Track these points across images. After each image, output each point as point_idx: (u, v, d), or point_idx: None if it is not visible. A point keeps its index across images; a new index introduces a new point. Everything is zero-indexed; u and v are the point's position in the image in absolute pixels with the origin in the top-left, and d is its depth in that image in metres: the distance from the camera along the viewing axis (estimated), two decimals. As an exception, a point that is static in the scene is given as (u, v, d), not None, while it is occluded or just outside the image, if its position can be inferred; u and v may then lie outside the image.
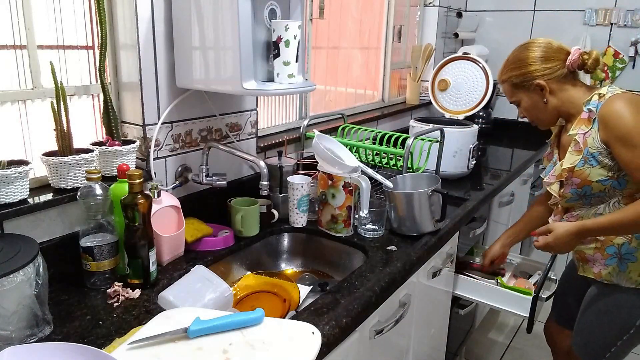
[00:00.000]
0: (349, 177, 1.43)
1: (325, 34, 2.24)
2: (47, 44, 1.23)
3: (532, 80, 1.39)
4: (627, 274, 1.37)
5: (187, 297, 1.05)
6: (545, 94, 1.39)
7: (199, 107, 1.47)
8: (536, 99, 1.42)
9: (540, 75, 1.38)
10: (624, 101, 1.26)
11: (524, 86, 1.42)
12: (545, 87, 1.38)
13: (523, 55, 1.41)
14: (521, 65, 1.40)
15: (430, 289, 1.61)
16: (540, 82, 1.38)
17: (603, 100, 1.30)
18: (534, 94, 1.41)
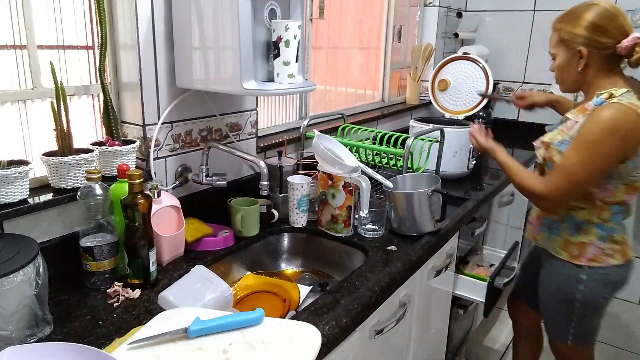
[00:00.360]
0: (349, 177, 1.43)
1: (325, 34, 2.24)
2: (47, 44, 1.23)
3: (578, 44, 1.35)
4: (552, 243, 1.53)
5: (187, 297, 1.05)
6: (582, 63, 1.36)
7: (199, 107, 1.47)
8: (571, 63, 1.39)
9: (587, 44, 1.34)
10: (612, 114, 1.27)
11: (567, 45, 1.38)
12: (584, 57, 1.35)
13: (584, 15, 1.34)
14: (576, 24, 1.35)
15: (430, 289, 1.61)
16: (583, 51, 1.35)
17: (608, 102, 1.31)
18: (572, 57, 1.38)
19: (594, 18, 1.32)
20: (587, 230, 1.45)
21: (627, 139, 1.28)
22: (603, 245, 1.44)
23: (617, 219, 1.43)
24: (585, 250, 1.45)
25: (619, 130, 1.27)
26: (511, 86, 3.07)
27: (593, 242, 1.44)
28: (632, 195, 1.41)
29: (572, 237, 1.48)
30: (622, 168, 1.34)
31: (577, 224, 1.46)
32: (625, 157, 1.31)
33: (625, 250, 1.47)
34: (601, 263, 1.45)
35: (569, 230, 1.48)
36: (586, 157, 1.30)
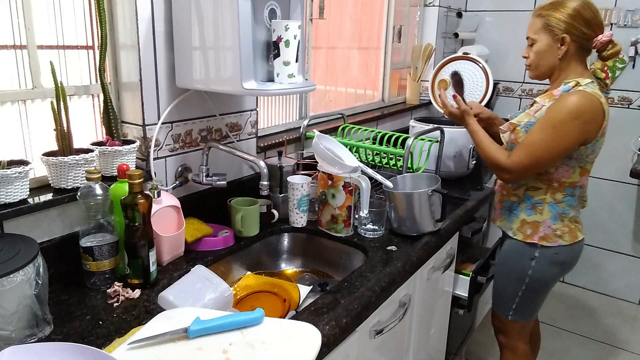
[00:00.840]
0: (349, 177, 1.43)
1: (325, 34, 2.24)
2: (47, 44, 1.23)
3: (562, 31, 1.42)
4: (511, 225, 1.61)
5: (187, 297, 1.05)
6: (563, 50, 1.44)
7: (199, 107, 1.47)
8: (552, 49, 1.45)
9: (572, 33, 1.41)
10: (579, 99, 1.37)
11: (552, 31, 1.44)
12: (566, 44, 1.43)
13: (571, 4, 1.42)
14: (564, 12, 1.42)
15: (430, 289, 1.61)
16: (567, 38, 1.42)
17: (574, 89, 1.41)
18: (554, 43, 1.45)
19: (580, 9, 1.41)
20: (541, 210, 1.54)
21: (588, 124, 1.38)
22: (554, 225, 1.53)
23: (570, 200, 1.53)
24: (538, 229, 1.55)
25: (583, 114, 1.37)
26: (511, 86, 3.07)
27: (546, 221, 1.54)
28: (585, 177, 1.53)
29: (528, 217, 1.57)
30: (582, 151, 1.44)
31: (533, 204, 1.56)
32: (586, 141, 1.41)
33: (575, 232, 1.55)
34: (551, 242, 1.54)
35: (526, 211, 1.57)
36: (550, 136, 1.40)
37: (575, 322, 2.74)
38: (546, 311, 2.82)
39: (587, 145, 1.42)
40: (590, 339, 2.60)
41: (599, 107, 1.38)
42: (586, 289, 3.09)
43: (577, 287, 3.11)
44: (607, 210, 2.94)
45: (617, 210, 2.91)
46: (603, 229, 2.97)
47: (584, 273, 3.08)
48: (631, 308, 2.92)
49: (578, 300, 2.97)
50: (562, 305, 2.91)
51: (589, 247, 3.02)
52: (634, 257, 2.92)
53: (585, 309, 2.89)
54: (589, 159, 1.48)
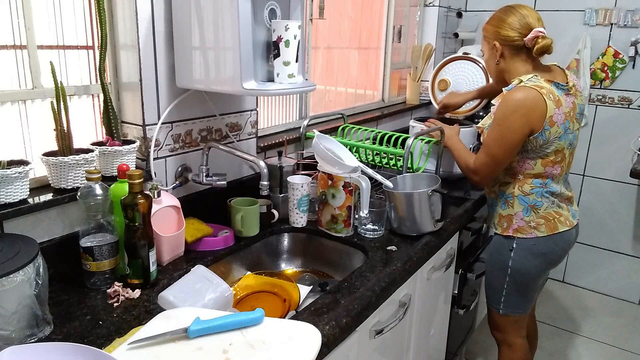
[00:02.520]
0: (349, 177, 1.43)
1: (325, 34, 2.24)
2: (47, 44, 1.23)
3: (493, 39, 1.58)
4: (493, 220, 1.70)
5: (187, 297, 1.05)
6: (497, 55, 1.58)
7: (199, 107, 1.47)
8: (491, 56, 1.62)
9: (499, 38, 1.56)
10: (518, 94, 1.47)
11: (488, 41, 1.62)
12: (498, 50, 1.57)
13: (500, 14, 1.58)
14: (495, 23, 1.58)
15: (430, 289, 1.61)
16: (497, 44, 1.57)
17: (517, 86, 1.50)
18: (491, 50, 1.61)
19: (503, 15, 1.56)
20: (512, 203, 1.62)
21: (530, 114, 1.46)
22: (527, 217, 1.60)
23: (539, 191, 1.58)
24: (512, 222, 1.62)
25: (522, 106, 1.46)
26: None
27: (517, 213, 1.61)
28: (550, 167, 1.56)
29: (502, 211, 1.65)
30: (533, 141, 1.50)
31: (505, 198, 1.64)
32: (532, 131, 1.48)
33: (553, 224, 1.59)
34: (526, 234, 1.60)
35: (501, 205, 1.66)
36: (498, 132, 1.51)
37: (575, 322, 2.74)
38: (546, 311, 2.82)
39: (535, 135, 1.48)
40: (590, 339, 2.60)
41: (537, 98, 1.45)
42: (586, 289, 3.09)
43: (577, 287, 3.11)
44: (607, 210, 2.94)
45: (617, 210, 2.91)
46: (603, 229, 2.97)
47: (584, 273, 3.08)
48: (631, 308, 2.92)
49: (578, 300, 2.97)
50: (562, 305, 2.91)
51: (589, 247, 3.03)
52: (634, 257, 2.92)
53: (585, 309, 2.89)
54: (546, 149, 1.52)
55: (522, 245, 1.61)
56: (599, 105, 2.83)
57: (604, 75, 2.78)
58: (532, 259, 1.61)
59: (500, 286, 1.68)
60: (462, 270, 1.85)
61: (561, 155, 1.55)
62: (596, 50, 2.77)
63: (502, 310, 1.70)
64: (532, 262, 1.61)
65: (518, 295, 1.67)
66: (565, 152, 1.56)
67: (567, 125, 1.52)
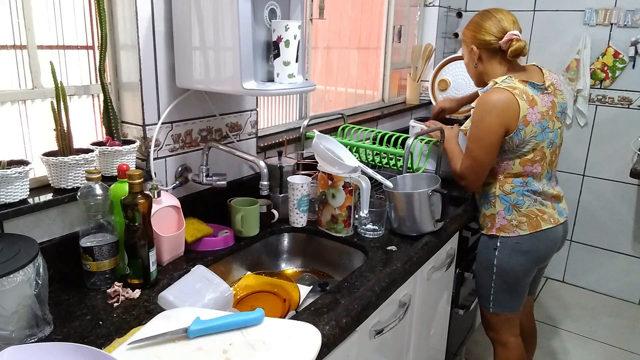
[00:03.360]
0: (349, 177, 1.43)
1: (325, 34, 2.24)
2: (47, 44, 1.23)
3: (471, 43, 1.62)
4: (479, 219, 1.73)
5: (187, 297, 1.05)
6: (475, 58, 1.63)
7: (199, 107, 1.47)
8: (470, 60, 1.66)
9: (476, 42, 1.61)
10: (491, 96, 1.51)
11: (466, 45, 1.66)
12: (475, 53, 1.62)
13: (476, 19, 1.63)
14: (472, 28, 1.63)
15: (430, 289, 1.61)
16: (474, 48, 1.62)
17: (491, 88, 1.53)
18: (469, 54, 1.65)
19: (479, 20, 1.62)
20: (494, 203, 1.65)
21: (504, 114, 1.49)
22: (509, 216, 1.63)
23: (519, 190, 1.60)
24: (495, 221, 1.65)
25: (495, 107, 1.50)
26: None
27: (500, 212, 1.64)
28: (529, 166, 1.58)
29: (486, 211, 1.69)
30: (509, 141, 1.53)
31: (487, 198, 1.68)
32: (508, 131, 1.51)
33: (536, 221, 1.61)
34: (509, 233, 1.63)
35: (484, 205, 1.69)
36: (476, 134, 1.55)
37: (575, 322, 2.74)
38: (546, 311, 2.82)
39: (511, 135, 1.51)
40: (590, 339, 2.60)
41: (510, 98, 1.48)
42: (586, 289, 3.09)
43: (577, 287, 3.11)
44: (607, 210, 2.94)
45: (617, 210, 2.91)
46: (603, 229, 2.97)
47: (584, 273, 3.08)
48: (631, 308, 2.92)
49: (578, 300, 2.97)
50: (562, 305, 2.91)
51: (589, 247, 3.03)
52: (634, 257, 2.92)
53: (585, 309, 2.89)
54: (523, 148, 1.54)
55: (505, 243, 1.63)
56: (599, 105, 2.83)
57: (604, 75, 2.78)
58: (516, 257, 1.63)
59: (488, 285, 1.70)
60: (458, 269, 1.85)
61: (540, 153, 1.57)
62: (596, 50, 2.77)
63: (492, 309, 1.72)
64: (516, 261, 1.63)
65: (506, 294, 1.69)
66: (545, 150, 1.57)
67: (545, 124, 1.54)
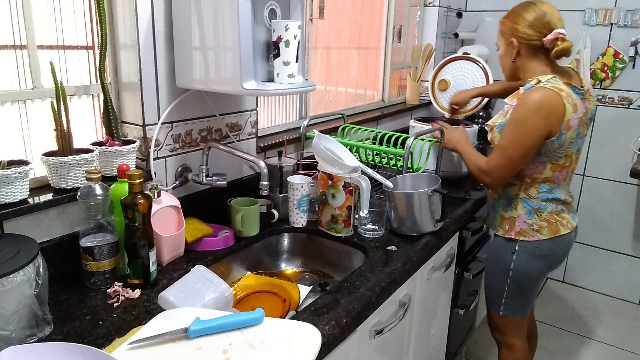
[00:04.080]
0: (349, 177, 1.43)
1: (325, 34, 2.24)
2: (47, 44, 1.22)
3: (511, 35, 1.52)
4: (494, 221, 1.68)
5: (187, 297, 1.05)
6: (514, 52, 1.54)
7: (199, 107, 1.47)
8: (507, 52, 1.57)
9: (517, 35, 1.51)
10: (538, 95, 1.42)
11: (505, 36, 1.56)
12: (515, 47, 1.52)
13: (520, 10, 1.52)
14: (512, 18, 1.53)
15: (430, 289, 1.61)
16: (514, 42, 1.52)
17: (535, 86, 1.45)
18: (507, 47, 1.56)
19: (528, 15, 1.49)
20: (516, 205, 1.59)
21: (549, 117, 1.42)
22: (530, 220, 1.58)
23: (544, 196, 1.56)
24: (515, 224, 1.60)
25: (542, 108, 1.41)
26: (511, 86, 3.06)
27: (520, 216, 1.59)
28: (558, 172, 1.53)
29: (505, 213, 1.63)
30: (549, 145, 1.46)
31: (508, 200, 1.61)
32: (550, 134, 1.44)
33: (556, 226, 1.58)
34: (528, 237, 1.58)
35: (503, 207, 1.64)
36: (516, 133, 1.46)
37: (576, 322, 2.74)
38: (546, 311, 2.82)
39: (552, 139, 1.45)
40: (590, 339, 2.60)
41: (557, 101, 1.41)
42: (586, 289, 3.09)
43: (577, 287, 3.11)
44: (607, 210, 2.94)
45: (617, 210, 2.91)
46: (603, 229, 2.97)
47: (584, 273, 3.08)
48: (631, 308, 2.92)
49: (578, 300, 2.97)
50: (562, 305, 2.91)
51: (589, 247, 3.03)
52: (634, 257, 2.92)
53: (586, 309, 2.89)
54: (558, 154, 1.50)
55: (524, 247, 1.59)
56: (599, 105, 2.83)
57: (604, 75, 2.78)
58: (534, 261, 1.59)
59: (501, 288, 1.66)
60: (458, 269, 1.85)
61: (569, 160, 1.53)
62: (596, 50, 2.77)
63: (502, 312, 1.69)
64: (534, 265, 1.60)
65: (518, 298, 1.66)
66: (572, 157, 1.53)
67: (579, 131, 1.49)
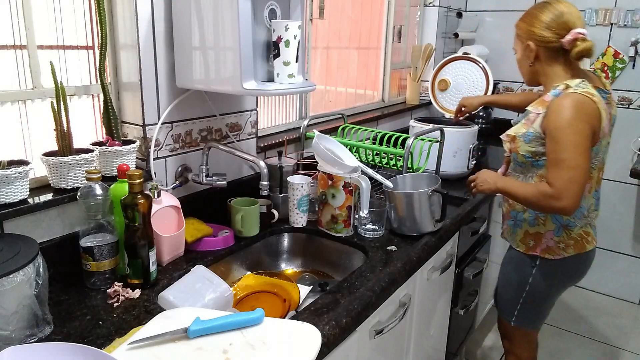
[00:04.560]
0: (349, 177, 1.43)
1: (325, 34, 2.24)
2: (47, 44, 1.22)
3: (527, 39, 1.45)
4: (515, 237, 1.59)
5: (187, 297, 1.05)
6: (532, 56, 1.45)
7: (199, 107, 1.47)
8: (524, 56, 1.49)
9: (534, 38, 1.43)
10: (572, 101, 1.33)
11: (521, 40, 1.48)
12: (533, 51, 1.44)
13: (536, 12, 1.43)
14: (528, 20, 1.44)
15: (430, 289, 1.61)
16: (531, 45, 1.44)
17: (564, 92, 1.36)
18: (525, 50, 1.47)
19: (544, 16, 1.41)
20: (544, 221, 1.51)
21: (592, 122, 1.33)
22: (557, 238, 1.50)
23: None
24: (541, 241, 1.52)
25: (581, 113, 1.32)
26: (511, 86, 3.07)
27: (548, 232, 1.51)
28: (588, 184, 1.46)
29: (530, 228, 1.54)
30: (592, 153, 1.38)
31: (536, 215, 1.52)
32: (594, 140, 1.37)
33: (581, 244, 1.51)
34: (554, 256, 1.52)
35: (529, 222, 1.54)
36: (569, 140, 1.31)
37: (576, 322, 2.74)
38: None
39: (593, 147, 1.37)
40: (591, 339, 2.60)
41: (592, 106, 1.33)
42: (586, 289, 3.09)
43: (577, 287, 3.10)
44: (607, 210, 2.93)
45: (617, 210, 2.91)
46: (603, 229, 2.95)
47: (584, 273, 3.08)
48: (631, 308, 2.92)
49: (578, 300, 2.97)
50: (563, 305, 2.91)
51: (589, 247, 3.02)
52: (634, 257, 2.92)
53: (586, 309, 2.89)
54: (593, 164, 1.42)
55: (546, 264, 1.52)
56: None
57: (604, 75, 2.78)
58: (554, 278, 1.55)
59: (515, 300, 1.61)
60: (458, 269, 1.85)
61: (596, 171, 1.46)
62: (596, 50, 2.76)
63: (514, 322, 1.65)
64: (553, 281, 1.55)
65: (532, 311, 1.62)
66: (599, 166, 1.47)
67: (608, 138, 1.44)
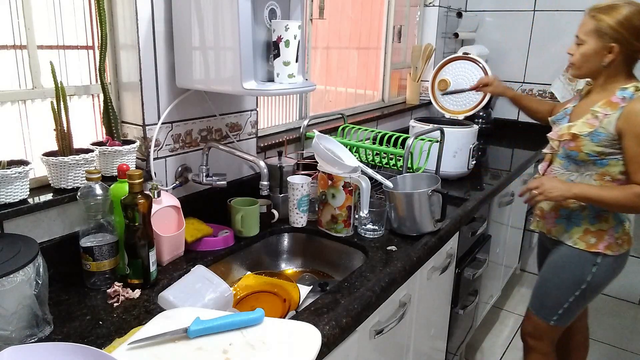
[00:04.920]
0: (349, 177, 1.43)
1: (325, 34, 2.24)
2: (47, 44, 1.23)
3: (614, 40, 1.40)
4: (570, 234, 1.58)
5: (187, 297, 1.05)
6: (610, 58, 1.42)
7: (199, 107, 1.47)
8: (600, 54, 1.43)
9: (621, 42, 1.39)
10: None
11: (602, 37, 1.41)
12: (615, 53, 1.41)
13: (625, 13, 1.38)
14: (616, 20, 1.38)
15: (430, 289, 1.61)
16: (615, 48, 1.40)
17: (637, 94, 1.39)
18: (602, 49, 1.42)
19: (632, 16, 1.36)
20: (606, 218, 1.52)
21: None
22: (617, 234, 1.53)
23: None
24: (603, 238, 1.53)
25: None
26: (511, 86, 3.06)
27: (610, 229, 1.53)
28: None
29: (592, 226, 1.54)
30: None
31: (597, 212, 1.53)
32: None
33: (630, 240, 1.57)
34: (614, 252, 1.54)
35: (589, 219, 1.54)
36: None
37: (575, 322, 2.74)
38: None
39: None
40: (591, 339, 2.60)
41: None
42: (586, 289, 3.09)
43: (577, 287, 3.11)
44: (607, 210, 2.93)
45: (617, 210, 2.91)
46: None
47: (584, 273, 3.08)
48: (631, 308, 2.92)
49: (578, 300, 2.97)
50: (562, 305, 2.91)
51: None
52: (634, 257, 2.92)
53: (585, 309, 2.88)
54: None
55: (607, 261, 1.54)
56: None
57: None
58: (614, 273, 1.57)
59: (563, 300, 1.61)
60: (458, 269, 1.85)
61: None
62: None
63: (554, 321, 1.64)
64: (610, 278, 1.57)
65: (577, 310, 1.63)
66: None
67: None
